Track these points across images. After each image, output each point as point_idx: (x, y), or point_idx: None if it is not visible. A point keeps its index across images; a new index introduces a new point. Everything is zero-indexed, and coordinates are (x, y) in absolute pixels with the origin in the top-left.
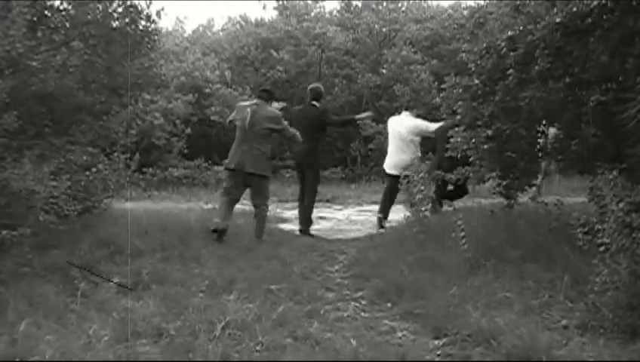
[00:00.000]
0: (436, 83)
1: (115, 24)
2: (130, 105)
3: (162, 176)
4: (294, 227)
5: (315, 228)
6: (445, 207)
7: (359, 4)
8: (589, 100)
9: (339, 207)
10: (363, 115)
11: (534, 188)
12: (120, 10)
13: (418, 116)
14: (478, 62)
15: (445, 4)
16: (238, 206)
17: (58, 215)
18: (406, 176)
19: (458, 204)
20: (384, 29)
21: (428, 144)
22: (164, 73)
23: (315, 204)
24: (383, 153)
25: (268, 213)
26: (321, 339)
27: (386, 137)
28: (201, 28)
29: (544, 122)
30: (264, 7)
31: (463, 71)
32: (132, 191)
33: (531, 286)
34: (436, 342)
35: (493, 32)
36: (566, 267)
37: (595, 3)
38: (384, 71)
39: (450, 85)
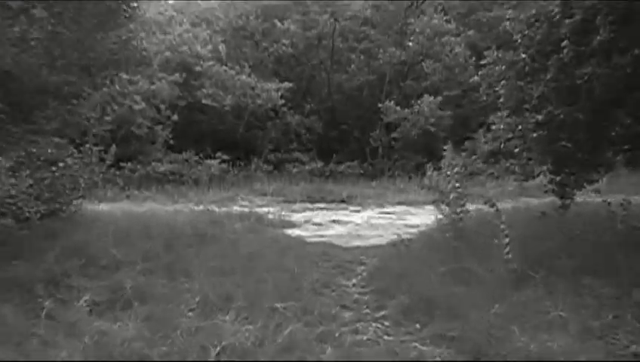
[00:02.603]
0: (474, 58)
1: None
2: (105, 87)
3: (144, 172)
4: (303, 232)
5: (328, 233)
6: (485, 208)
7: None
8: None
9: (356, 209)
10: None
11: None
12: None
13: None
14: (526, 32)
15: None
16: (235, 208)
17: (17, 218)
18: (436, 170)
19: (501, 204)
20: None
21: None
22: (145, 48)
23: (328, 205)
24: (409, 142)
25: (271, 216)
26: None
27: (413, 124)
28: None
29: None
30: None
31: (507, 43)
32: (108, 190)
33: (591, 303)
34: None
35: None
36: (634, 280)
37: None
38: (410, 44)
39: (491, 61)
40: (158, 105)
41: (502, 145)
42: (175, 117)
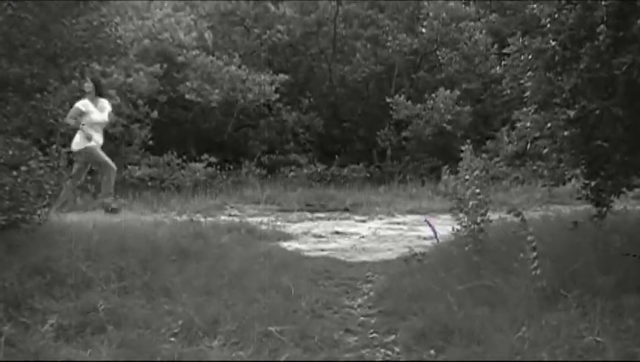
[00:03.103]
0: (496, 46)
1: None
2: (74, 80)
3: (119, 177)
4: (302, 246)
5: (330, 247)
6: (510, 217)
7: None
8: None
9: (362, 218)
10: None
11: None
12: None
13: None
14: (556, 15)
15: None
16: (223, 218)
17: None
18: (453, 174)
19: (528, 212)
20: None
21: (481, 131)
22: (120, 35)
23: (329, 215)
24: (422, 142)
25: (264, 227)
26: None
27: (427, 121)
28: None
29: None
30: None
31: (534, 29)
32: (77, 197)
33: (632, 326)
34: None
35: None
36: None
37: None
38: (424, 30)
39: (515, 49)
40: (135, 100)
41: (528, 146)
42: (155, 114)
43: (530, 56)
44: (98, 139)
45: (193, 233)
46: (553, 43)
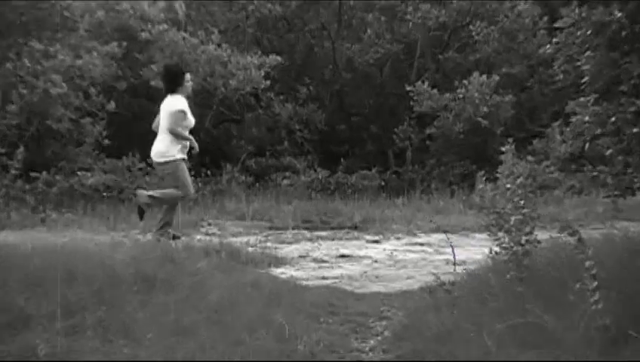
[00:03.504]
0: (545, 19)
1: None
2: (9, 62)
3: (66, 186)
4: (298, 273)
5: (335, 274)
6: (562, 236)
7: None
8: None
9: (374, 238)
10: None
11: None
12: None
13: None
14: None
15: None
16: (199, 237)
17: None
18: (491, 181)
19: (586, 231)
20: None
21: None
22: (67, 5)
23: (335, 234)
24: (451, 142)
25: (250, 249)
26: None
27: (457, 115)
28: None
29: None
30: None
31: None
32: (12, 211)
33: None
34: None
35: None
36: None
37: None
38: (453, 0)
39: (570, 22)
40: (87, 88)
41: (586, 146)
42: (111, 105)
43: (589, 32)
44: (185, 149)
45: (161, 256)
46: (619, 14)
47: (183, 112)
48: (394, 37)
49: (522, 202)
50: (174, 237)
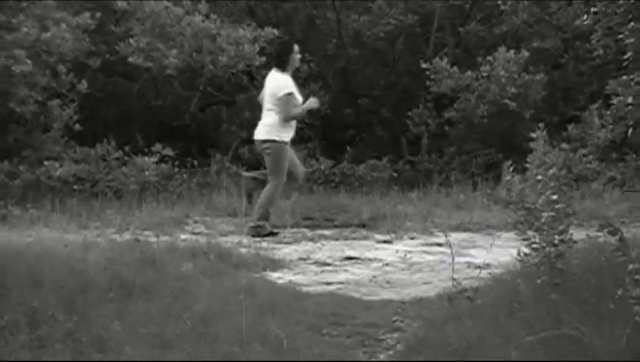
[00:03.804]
0: None
1: None
2: None
3: (31, 178)
4: (298, 278)
5: (340, 279)
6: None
7: None
8: None
9: (385, 238)
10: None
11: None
12: None
13: None
14: None
15: None
16: (184, 236)
17: None
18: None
19: (629, 229)
20: None
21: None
22: None
23: (340, 233)
24: (473, 127)
25: (243, 250)
26: None
27: (481, 96)
28: None
29: None
30: None
31: None
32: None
33: None
34: None
35: None
36: None
37: None
38: None
39: None
40: (55, 65)
41: (629, 132)
42: (83, 85)
43: (632, 0)
44: (293, 131)
45: (140, 259)
46: None
47: (292, 94)
48: (408, 7)
49: (555, 196)
50: (271, 234)
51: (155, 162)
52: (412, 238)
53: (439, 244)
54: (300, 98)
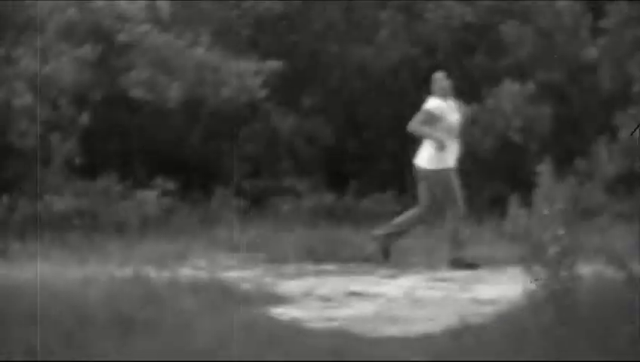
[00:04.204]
0: (588, 17)
1: None
2: None
3: (30, 212)
4: (301, 313)
5: (344, 314)
6: (610, 270)
7: None
8: None
9: (390, 273)
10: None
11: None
12: None
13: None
14: None
15: None
16: (186, 271)
17: None
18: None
19: (638, 264)
20: None
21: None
22: (32, 3)
23: (344, 268)
24: (478, 160)
25: (245, 285)
26: None
27: (486, 129)
28: None
29: None
30: None
31: None
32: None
33: None
34: None
35: None
36: None
37: None
38: None
39: (617, 22)
40: (56, 98)
41: (638, 165)
42: (84, 118)
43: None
44: (453, 156)
45: (141, 294)
46: None
47: (428, 112)
48: (411, 39)
49: (562, 231)
50: (471, 266)
51: (156, 195)
52: (417, 273)
53: (444, 280)
54: (450, 122)
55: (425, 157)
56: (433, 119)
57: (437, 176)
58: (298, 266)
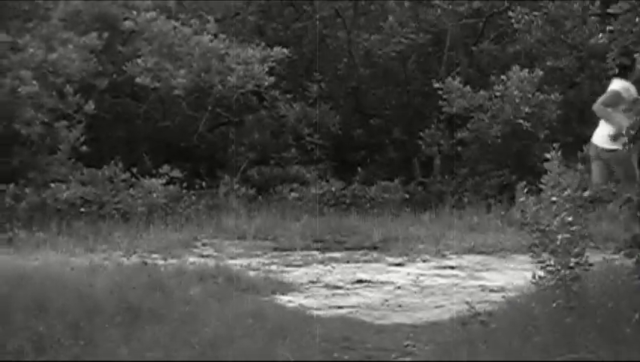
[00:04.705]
0: (597, 3)
1: None
2: None
3: (37, 200)
4: (308, 301)
5: (351, 302)
6: (618, 258)
7: None
8: None
9: (397, 261)
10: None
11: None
12: None
13: None
14: None
15: None
16: (192, 259)
17: None
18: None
19: None
20: None
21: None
22: None
23: (351, 255)
24: (487, 148)
25: (252, 273)
26: None
27: (494, 116)
28: None
29: None
30: None
31: None
32: None
33: None
34: None
35: None
36: None
37: None
38: None
39: (627, 8)
40: (62, 86)
41: None
42: (90, 106)
43: None
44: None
45: (148, 283)
46: None
47: (615, 93)
48: (420, 26)
49: (570, 218)
50: None
51: (162, 184)
52: (424, 261)
53: (452, 267)
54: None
55: (604, 137)
56: (620, 100)
57: (617, 156)
58: (305, 254)
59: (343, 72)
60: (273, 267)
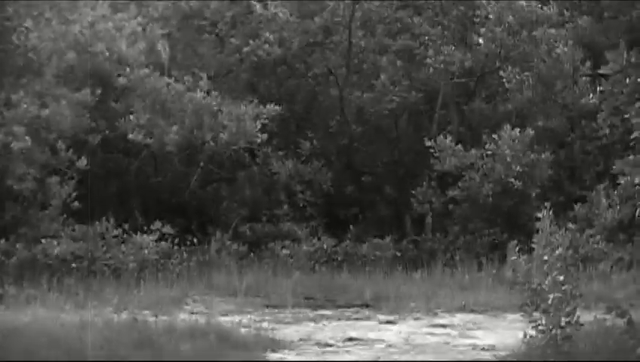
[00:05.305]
0: (588, 64)
1: None
2: None
3: (27, 256)
4: (299, 359)
5: (341, 360)
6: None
7: None
8: None
9: (389, 319)
10: None
11: None
12: None
13: None
14: None
15: None
16: (183, 316)
17: None
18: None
19: (638, 311)
20: None
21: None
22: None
23: (342, 313)
24: (478, 206)
25: (243, 330)
26: None
27: (486, 175)
28: None
29: None
30: None
31: None
32: None
33: None
34: None
35: None
36: None
37: None
38: (481, 41)
39: (618, 69)
40: (54, 142)
41: (637, 212)
42: (82, 162)
43: (639, 79)
44: None
45: (138, 339)
46: None
47: None
48: (412, 84)
49: (562, 277)
50: None
51: (154, 240)
52: (416, 319)
53: (443, 326)
54: None
55: None
56: None
57: None
58: (296, 311)
59: (335, 130)
60: (264, 324)
